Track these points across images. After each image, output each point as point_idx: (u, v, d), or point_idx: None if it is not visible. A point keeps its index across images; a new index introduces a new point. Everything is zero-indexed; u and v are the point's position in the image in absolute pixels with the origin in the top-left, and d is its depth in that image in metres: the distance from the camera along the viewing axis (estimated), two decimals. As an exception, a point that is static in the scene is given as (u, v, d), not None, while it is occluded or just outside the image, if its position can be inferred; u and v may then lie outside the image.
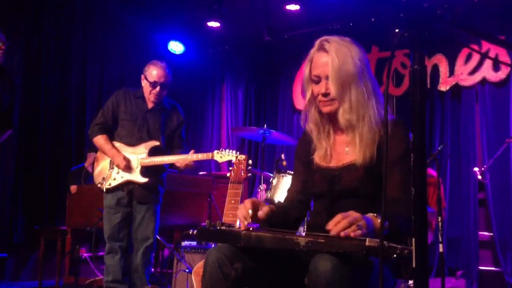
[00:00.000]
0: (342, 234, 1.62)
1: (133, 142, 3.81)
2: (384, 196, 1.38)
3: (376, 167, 1.94)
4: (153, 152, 3.76)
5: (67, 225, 5.17)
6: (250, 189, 6.61)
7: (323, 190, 2.05)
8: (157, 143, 3.79)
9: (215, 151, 3.59)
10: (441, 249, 3.83)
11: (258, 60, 7.53)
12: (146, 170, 3.74)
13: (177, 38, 7.28)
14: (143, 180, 3.73)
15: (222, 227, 1.84)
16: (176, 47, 7.30)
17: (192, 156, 3.62)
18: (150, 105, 3.88)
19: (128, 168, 3.73)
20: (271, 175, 4.31)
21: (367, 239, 1.57)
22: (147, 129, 3.83)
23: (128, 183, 3.76)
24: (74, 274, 4.38)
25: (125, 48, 6.82)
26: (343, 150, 2.06)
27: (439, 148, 4.03)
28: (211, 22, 6.70)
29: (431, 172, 4.38)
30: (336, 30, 6.17)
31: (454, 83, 5.97)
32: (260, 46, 7.28)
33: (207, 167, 7.20)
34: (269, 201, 4.08)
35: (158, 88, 3.81)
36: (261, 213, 1.89)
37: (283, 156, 4.20)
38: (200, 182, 5.71)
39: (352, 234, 1.61)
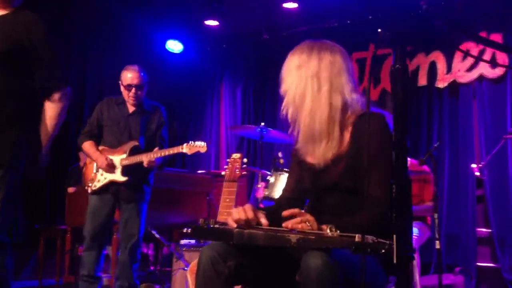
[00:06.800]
0: (289, 226, 1.77)
1: (115, 145, 3.99)
2: (366, 193, 1.40)
3: (356, 161, 1.96)
4: (133, 152, 3.91)
5: (67, 224, 5.21)
6: (249, 187, 6.63)
7: (308, 186, 2.10)
8: (136, 143, 3.95)
9: (185, 144, 3.83)
10: (437, 246, 3.85)
11: (257, 58, 7.55)
12: (126, 170, 3.90)
13: (175, 37, 7.29)
14: (123, 178, 3.89)
15: (215, 225, 1.87)
16: (174, 46, 7.32)
17: (161, 152, 3.79)
18: (131, 109, 4.05)
19: (110, 168, 3.90)
20: (269, 173, 4.33)
21: (357, 235, 1.59)
22: (129, 132, 4.01)
23: (112, 183, 3.92)
24: (74, 273, 4.41)
25: (124, 47, 6.83)
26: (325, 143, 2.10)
27: (435, 145, 4.06)
28: (209, 20, 6.72)
29: (426, 168, 4.40)
30: (334, 28, 6.19)
31: (451, 80, 5.98)
32: (259, 44, 7.29)
33: (206, 166, 7.23)
34: (267, 198, 4.11)
35: (133, 90, 3.98)
36: (264, 221, 1.91)
37: (280, 154, 4.23)
38: (199, 180, 5.74)
39: (299, 227, 1.77)
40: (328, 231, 1.72)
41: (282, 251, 1.85)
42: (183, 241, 4.56)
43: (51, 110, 2.64)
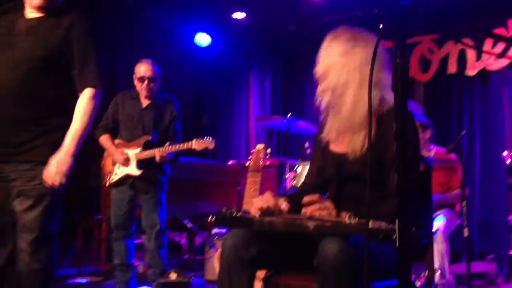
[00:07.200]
0: (308, 213, 1.85)
1: (130, 139, 4.16)
2: (369, 180, 1.47)
3: (380, 154, 2.00)
4: (147, 146, 4.08)
5: (103, 214, 5.38)
6: (279, 178, 6.71)
7: (331, 174, 2.16)
8: (149, 137, 4.11)
9: (194, 140, 3.94)
10: (466, 233, 3.85)
11: (285, 49, 7.57)
12: (141, 163, 4.07)
13: (203, 31, 7.38)
14: (138, 172, 4.06)
15: (237, 214, 1.97)
16: (202, 39, 7.41)
17: (172, 148, 3.95)
18: (144, 103, 4.21)
19: (125, 162, 4.07)
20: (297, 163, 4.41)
21: (371, 221, 1.66)
22: (142, 126, 4.16)
23: (128, 177, 4.10)
24: (111, 260, 4.57)
25: (153, 42, 6.93)
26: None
27: (462, 133, 4.06)
28: (236, 13, 6.80)
29: (453, 156, 4.40)
30: (360, 17, 6.17)
31: (481, 68, 5.92)
32: (286, 35, 7.31)
33: (236, 157, 7.33)
34: (294, 188, 4.20)
35: (146, 82, 4.14)
36: (284, 207, 2.00)
37: (306, 145, 4.30)
38: (229, 171, 5.87)
39: (317, 214, 1.84)
40: (347, 218, 1.79)
41: (302, 237, 1.92)
42: (214, 230, 4.68)
43: (82, 108, 2.57)
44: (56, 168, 2.45)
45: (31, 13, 2.59)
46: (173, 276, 3.22)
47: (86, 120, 2.56)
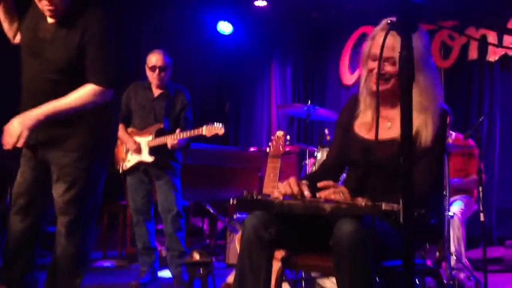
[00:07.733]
0: (323, 197, 1.92)
1: (142, 127, 4.28)
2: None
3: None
4: (159, 134, 4.19)
5: (127, 199, 5.54)
6: (299, 164, 6.80)
7: (357, 159, 2.22)
8: (161, 125, 4.23)
9: (205, 126, 4.02)
10: (482, 218, 3.91)
11: (306, 37, 7.62)
12: (153, 150, 4.19)
13: (225, 19, 7.46)
14: (150, 159, 4.18)
15: (257, 197, 2.08)
16: (225, 27, 7.49)
17: (182, 134, 4.05)
18: (156, 93, 4.32)
19: (138, 150, 4.20)
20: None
21: (383, 203, 1.76)
22: (154, 115, 4.28)
23: (140, 163, 4.23)
24: (135, 245, 4.73)
25: (176, 32, 7.03)
26: (385, 125, 2.19)
27: (480, 120, 4.11)
28: (258, 1, 6.88)
29: (471, 143, 4.45)
30: (381, 7, 6.19)
31: (503, 54, 5.92)
32: (307, 23, 7.36)
33: (258, 143, 7.44)
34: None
35: (157, 71, 4.24)
36: (307, 193, 2.10)
37: (326, 131, 4.37)
38: (251, 157, 5.98)
39: (332, 197, 1.91)
40: (363, 203, 1.88)
41: (318, 219, 2.01)
42: (236, 215, 4.78)
43: (76, 95, 2.56)
44: (19, 121, 2.47)
45: (49, 17, 2.64)
46: (196, 256, 3.35)
47: (72, 104, 2.55)
